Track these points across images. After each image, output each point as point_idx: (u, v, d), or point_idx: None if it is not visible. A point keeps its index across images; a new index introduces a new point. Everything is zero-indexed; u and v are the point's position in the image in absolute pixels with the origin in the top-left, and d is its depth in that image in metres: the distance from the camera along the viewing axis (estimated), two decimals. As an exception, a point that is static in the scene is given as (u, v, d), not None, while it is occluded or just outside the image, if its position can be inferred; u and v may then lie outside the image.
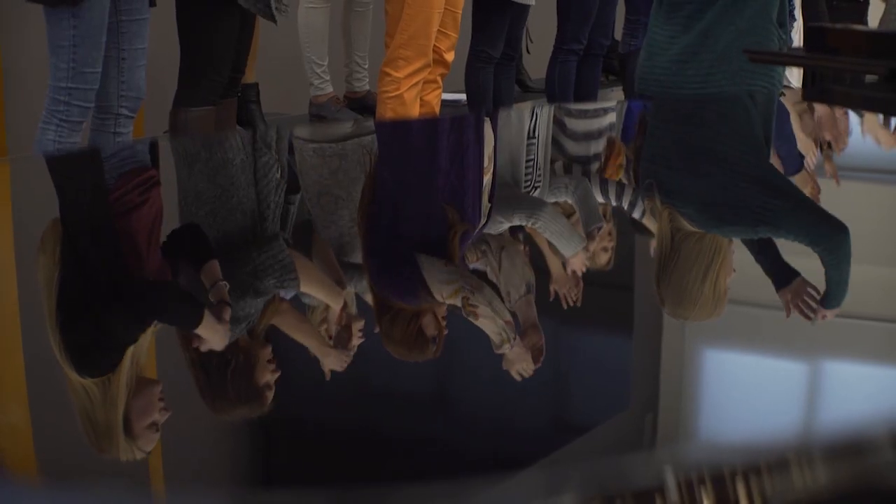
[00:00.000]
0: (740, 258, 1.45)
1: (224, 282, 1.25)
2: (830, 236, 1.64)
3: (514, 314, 1.33)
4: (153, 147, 2.27)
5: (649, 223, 1.67)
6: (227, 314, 1.20)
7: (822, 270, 1.39)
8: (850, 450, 0.84)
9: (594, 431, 1.00)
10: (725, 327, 1.26)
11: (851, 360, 1.15)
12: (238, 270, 1.36)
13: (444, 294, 1.35)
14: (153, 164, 1.89)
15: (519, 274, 1.54)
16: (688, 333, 1.26)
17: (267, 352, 1.12)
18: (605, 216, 1.71)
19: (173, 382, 1.10)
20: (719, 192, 1.80)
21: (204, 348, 1.13)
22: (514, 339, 1.28)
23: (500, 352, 1.26)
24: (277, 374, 1.07)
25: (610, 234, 1.59)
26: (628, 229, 1.69)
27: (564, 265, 1.51)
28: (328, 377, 1.11)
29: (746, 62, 3.06)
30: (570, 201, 1.81)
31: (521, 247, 1.64)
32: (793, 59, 2.57)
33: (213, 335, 1.16)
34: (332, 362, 1.17)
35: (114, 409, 0.99)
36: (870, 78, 2.09)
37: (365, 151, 2.12)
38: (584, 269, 1.48)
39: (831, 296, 1.33)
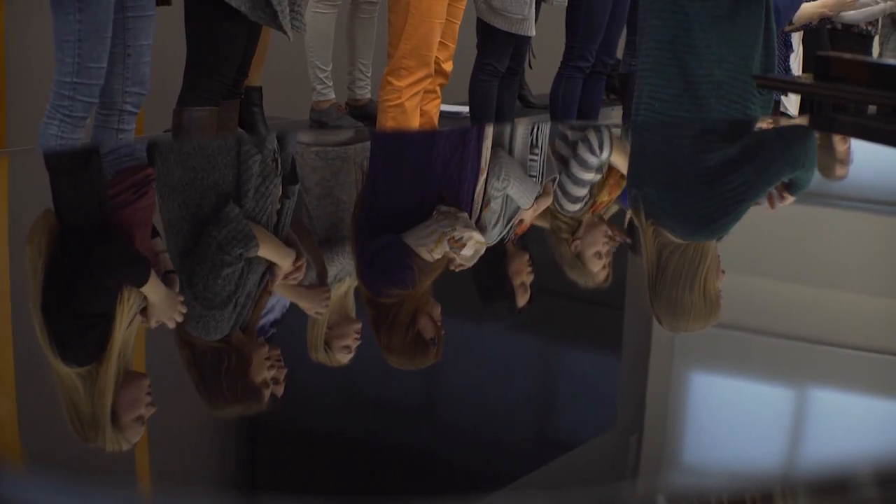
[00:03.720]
0: (733, 281, 1.46)
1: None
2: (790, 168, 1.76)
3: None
4: (151, 146, 2.27)
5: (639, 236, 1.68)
6: (174, 284, 1.25)
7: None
8: (833, 485, 0.85)
9: (579, 450, 1.00)
10: (714, 350, 1.26)
11: (840, 389, 1.16)
12: (206, 251, 1.39)
13: (430, 247, 1.36)
14: (149, 162, 1.90)
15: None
16: (676, 354, 1.26)
17: (263, 350, 1.13)
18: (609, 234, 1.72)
19: (161, 378, 1.10)
20: (696, 198, 1.81)
21: (152, 319, 1.16)
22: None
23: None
24: (274, 372, 1.07)
25: (607, 243, 1.60)
26: (619, 247, 1.70)
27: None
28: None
29: (724, 112, 3.11)
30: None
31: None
32: (800, 86, 2.58)
33: (156, 297, 1.20)
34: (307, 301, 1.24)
35: (101, 400, 0.99)
36: (871, 108, 2.10)
37: (359, 160, 2.13)
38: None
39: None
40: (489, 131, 2.53)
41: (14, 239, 1.51)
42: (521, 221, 1.62)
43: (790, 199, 1.62)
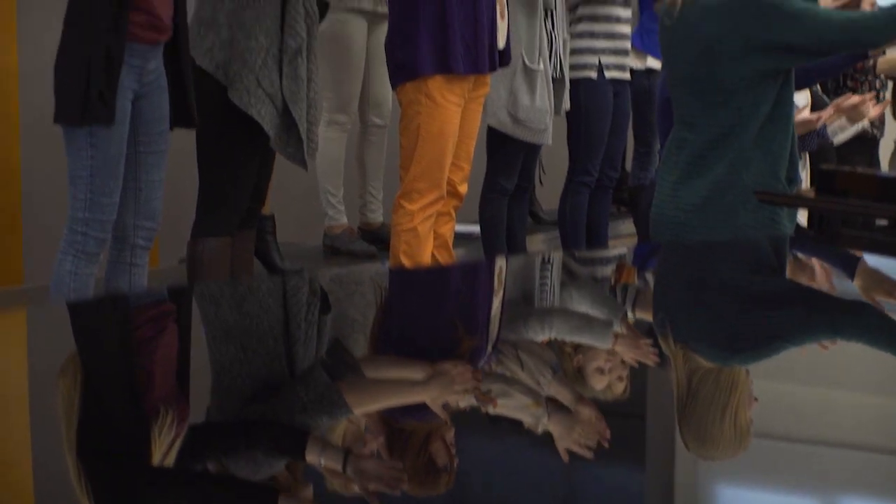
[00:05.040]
0: (759, 387, 1.45)
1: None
2: (849, 326, 1.77)
3: (552, 399, 1.34)
4: (179, 292, 2.27)
5: (664, 348, 1.68)
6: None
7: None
8: None
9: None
10: (740, 459, 1.25)
11: (872, 498, 1.14)
12: (287, 411, 1.33)
13: (458, 394, 1.35)
14: (180, 309, 1.89)
15: (541, 360, 1.55)
16: (701, 466, 1.25)
17: (309, 491, 1.11)
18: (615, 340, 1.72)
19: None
20: (731, 321, 1.81)
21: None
22: (547, 407, 1.29)
23: (540, 428, 1.25)
24: None
25: (623, 362, 1.59)
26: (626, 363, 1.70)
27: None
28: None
29: (752, 218, 3.09)
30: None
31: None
32: (804, 201, 2.59)
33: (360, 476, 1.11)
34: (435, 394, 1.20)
35: None
36: (879, 221, 2.10)
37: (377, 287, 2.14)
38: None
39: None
40: (507, 264, 2.53)
41: (40, 388, 1.51)
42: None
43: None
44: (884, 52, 5.78)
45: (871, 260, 2.22)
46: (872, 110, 5.44)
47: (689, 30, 3.22)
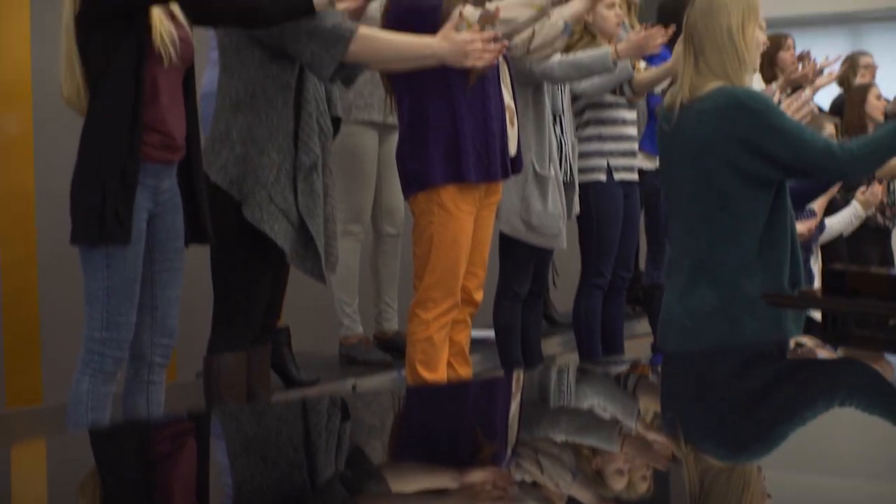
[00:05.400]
0: (778, 480, 1.45)
1: None
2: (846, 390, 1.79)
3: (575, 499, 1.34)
4: (199, 418, 2.27)
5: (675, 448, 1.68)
6: None
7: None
8: None
9: None
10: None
11: None
12: None
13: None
14: (200, 438, 1.89)
15: (560, 463, 1.55)
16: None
17: None
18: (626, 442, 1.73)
19: None
20: (737, 419, 1.82)
21: None
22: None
23: None
24: None
25: (640, 463, 1.60)
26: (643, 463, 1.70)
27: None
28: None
29: (758, 326, 3.11)
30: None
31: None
32: (811, 302, 2.61)
33: None
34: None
35: None
36: (893, 321, 2.11)
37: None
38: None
39: None
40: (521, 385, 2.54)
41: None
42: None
43: None
44: None
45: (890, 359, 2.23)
46: (878, 190, 5.56)
47: (686, 134, 3.28)
